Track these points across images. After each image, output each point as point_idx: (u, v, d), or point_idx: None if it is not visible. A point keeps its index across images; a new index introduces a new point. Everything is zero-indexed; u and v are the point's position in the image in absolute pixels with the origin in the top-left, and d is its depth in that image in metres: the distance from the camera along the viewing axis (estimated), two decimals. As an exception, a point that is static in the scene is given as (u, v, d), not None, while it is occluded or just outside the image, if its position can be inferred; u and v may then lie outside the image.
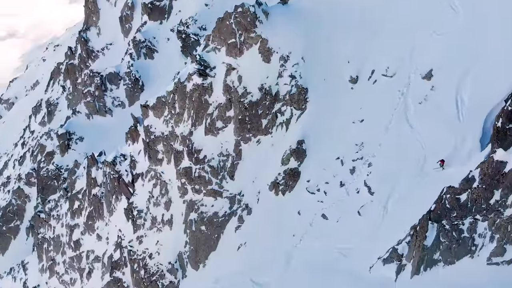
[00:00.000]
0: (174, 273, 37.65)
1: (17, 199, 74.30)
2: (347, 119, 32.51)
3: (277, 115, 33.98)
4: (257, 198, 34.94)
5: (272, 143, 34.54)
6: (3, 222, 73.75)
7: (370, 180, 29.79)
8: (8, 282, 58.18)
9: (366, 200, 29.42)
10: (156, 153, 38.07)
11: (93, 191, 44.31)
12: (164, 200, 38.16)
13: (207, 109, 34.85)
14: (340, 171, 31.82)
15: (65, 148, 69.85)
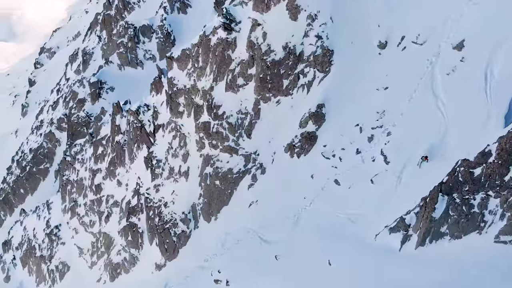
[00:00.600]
0: (187, 223, 38.75)
1: (48, 143, 77.32)
2: (371, 85, 31.55)
3: (299, 76, 33.29)
4: (272, 158, 34.97)
5: (292, 104, 34.07)
6: (33, 163, 77.23)
7: (387, 149, 29.19)
8: (33, 220, 61.55)
9: (380, 169, 28.96)
10: (178, 105, 38.35)
11: (116, 138, 45.46)
12: (182, 152, 38.77)
13: (229, 65, 34.48)
14: (357, 138, 31.27)
15: (96, 96, 71.60)
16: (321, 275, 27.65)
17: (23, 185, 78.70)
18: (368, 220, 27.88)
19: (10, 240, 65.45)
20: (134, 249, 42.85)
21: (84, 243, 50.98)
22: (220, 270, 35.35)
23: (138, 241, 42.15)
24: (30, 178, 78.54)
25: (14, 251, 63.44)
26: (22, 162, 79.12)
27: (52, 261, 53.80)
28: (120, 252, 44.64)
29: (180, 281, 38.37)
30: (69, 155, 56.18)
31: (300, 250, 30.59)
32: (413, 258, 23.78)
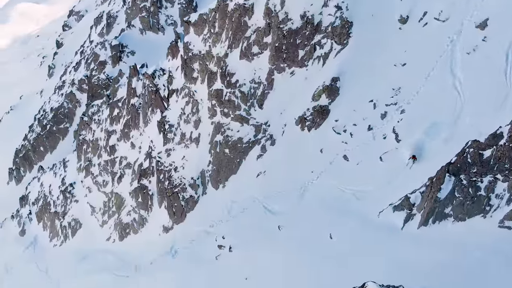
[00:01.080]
0: (195, 188, 39.21)
1: (69, 103, 78.59)
2: (388, 60, 30.65)
3: (315, 48, 32.54)
4: (282, 130, 34.72)
5: (306, 76, 33.47)
6: (54, 122, 78.78)
7: (400, 127, 28.62)
8: (49, 177, 63.25)
9: (391, 147, 28.52)
10: (192, 71, 38.19)
11: (132, 101, 45.79)
12: (194, 119, 38.86)
13: (245, 32, 33.92)
14: (370, 115, 30.71)
15: (116, 59, 71.95)
16: (322, 247, 27.81)
17: (43, 143, 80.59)
18: (373, 198, 27.71)
19: (27, 196, 67.61)
20: (143, 210, 43.77)
21: (97, 202, 52.31)
22: (224, 236, 35.94)
23: (148, 203, 42.97)
24: (50, 137, 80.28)
25: (31, 206, 65.59)
26: (43, 121, 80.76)
27: (65, 217, 55.51)
28: (130, 213, 45.69)
29: (185, 244, 39.18)
30: (86, 115, 57.03)
31: (303, 222, 30.76)
32: (415, 238, 23.62)
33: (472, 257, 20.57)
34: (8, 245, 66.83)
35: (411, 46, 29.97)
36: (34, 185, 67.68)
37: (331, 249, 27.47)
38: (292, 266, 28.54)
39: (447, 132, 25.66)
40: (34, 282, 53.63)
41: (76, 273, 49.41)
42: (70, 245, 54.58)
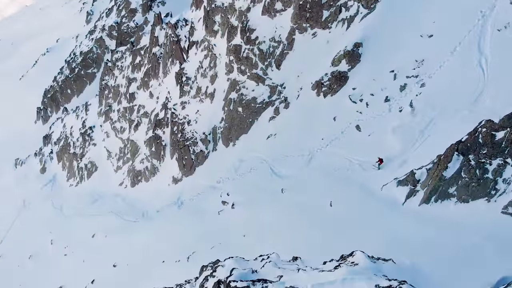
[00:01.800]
0: (206, 143, 39.29)
1: (98, 48, 79.22)
2: (415, 30, 29.00)
3: (341, 9, 31.07)
4: (297, 94, 33.93)
5: (328, 39, 32.20)
6: (82, 66, 79.86)
7: (417, 101, 27.41)
8: (72, 119, 64.80)
9: (405, 121, 27.47)
10: (213, 23, 37.34)
11: (153, 50, 45.51)
12: (211, 73, 38.39)
13: (270, -13, 32.74)
14: (389, 85, 29.49)
15: (147, 8, 71.40)
16: (321, 214, 27.53)
17: (70, 86, 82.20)
18: (379, 171, 27.09)
19: (50, 135, 69.68)
20: (156, 160, 44.41)
21: (113, 147, 53.37)
22: (229, 193, 36.17)
23: (161, 153, 43.49)
24: (78, 80, 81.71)
25: (52, 146, 67.69)
26: (72, 64, 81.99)
27: (83, 159, 57.08)
28: (143, 161, 46.46)
29: (192, 196, 39.73)
30: (110, 61, 57.30)
31: (306, 188, 30.47)
32: (415, 214, 22.97)
33: (468, 241, 19.92)
34: (29, 181, 69.76)
35: (440, 17, 28.17)
36: (57, 125, 69.54)
37: (329, 216, 27.17)
38: (289, 228, 28.50)
39: (464, 110, 24.42)
40: (49, 218, 56.03)
41: (88, 213, 51.26)
42: (85, 186, 56.37)
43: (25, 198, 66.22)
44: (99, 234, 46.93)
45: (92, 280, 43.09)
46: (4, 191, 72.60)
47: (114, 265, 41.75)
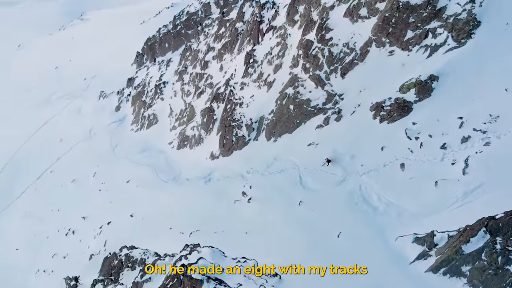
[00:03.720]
0: (250, 130, 38.00)
1: (203, 12, 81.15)
2: (501, 82, 24.54)
3: (427, 34, 27.34)
4: (353, 109, 31.00)
5: (404, 62, 28.69)
6: (184, 26, 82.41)
7: (475, 159, 23.35)
8: (154, 70, 67.48)
9: (453, 176, 23.68)
10: (295, 13, 35.47)
11: (237, 25, 44.96)
12: (277, 62, 36.73)
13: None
14: (452, 132, 25.52)
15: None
16: (326, 241, 25.60)
17: (169, 40, 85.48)
18: (403, 218, 23.91)
19: (134, 79, 73.28)
20: (204, 131, 44.22)
21: (176, 107, 54.41)
22: (252, 186, 34.75)
23: (210, 126, 43.14)
24: (177, 37, 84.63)
25: (132, 89, 71.11)
26: (177, 21, 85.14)
27: (149, 110, 59.10)
28: (194, 128, 46.61)
29: (220, 177, 39.03)
30: (200, 25, 58.10)
31: (324, 209, 28.30)
32: (417, 279, 19.89)
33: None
34: (103, 114, 74.49)
35: (538, 74, 23.62)
36: (142, 72, 72.89)
37: (332, 246, 25.01)
38: (289, 242, 26.89)
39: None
40: (101, 152, 59.29)
41: (133, 160, 53.12)
42: (142, 134, 58.48)
43: (93, 128, 70.87)
44: (133, 182, 48.42)
45: (109, 221, 44.77)
46: (82, 116, 78.55)
47: (131, 215, 42.82)
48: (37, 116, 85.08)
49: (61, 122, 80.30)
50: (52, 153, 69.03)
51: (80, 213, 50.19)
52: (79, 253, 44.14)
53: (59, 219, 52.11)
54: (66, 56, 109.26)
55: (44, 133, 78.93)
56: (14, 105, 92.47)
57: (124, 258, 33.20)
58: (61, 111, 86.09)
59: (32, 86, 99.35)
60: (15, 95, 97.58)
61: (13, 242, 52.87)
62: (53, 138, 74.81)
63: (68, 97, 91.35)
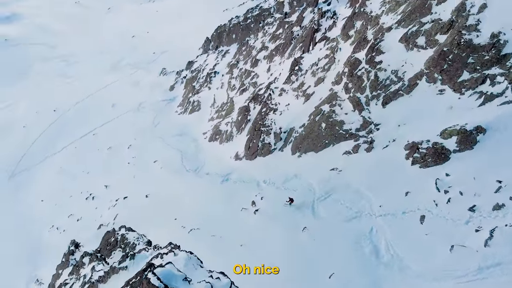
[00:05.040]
0: (277, 139, 36.09)
1: (275, 10, 79.71)
2: None
3: (485, 80, 23.83)
4: (387, 144, 28.10)
5: (453, 105, 25.36)
6: (254, 20, 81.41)
7: (502, 232, 20.03)
8: (212, 58, 67.30)
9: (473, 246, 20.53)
10: (351, 27, 32.95)
11: (293, 28, 42.99)
12: (320, 76, 34.43)
13: (423, 15, 26.68)
14: (486, 195, 22.10)
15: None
16: (316, 277, 23.63)
17: (236, 31, 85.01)
18: (406, 276, 21.35)
19: (193, 63, 73.60)
20: (236, 129, 42.92)
21: (219, 99, 53.62)
22: (263, 197, 32.94)
23: (242, 125, 41.73)
24: (245, 30, 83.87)
25: (188, 72, 71.36)
26: (248, 14, 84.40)
27: (195, 96, 58.86)
28: (228, 124, 45.48)
29: (237, 180, 37.65)
30: (262, 23, 56.73)
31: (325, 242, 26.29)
32: None
33: None
34: (157, 90, 75.60)
35: None
36: (202, 58, 73.01)
37: (322, 284, 22.84)
38: (282, 266, 24.85)
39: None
40: (143, 127, 60.01)
41: (167, 141, 53.16)
42: (183, 118, 58.46)
43: (144, 101, 72.11)
44: (159, 163, 48.34)
45: (125, 196, 44.94)
46: (139, 87, 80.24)
47: (147, 195, 42.61)
48: (101, 78, 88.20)
49: (119, 89, 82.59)
50: (101, 117, 71.21)
51: (105, 181, 50.97)
52: (91, 219, 44.71)
53: (85, 181, 53.31)
54: (145, 27, 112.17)
55: (100, 96, 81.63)
56: (88, 65, 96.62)
57: (120, 238, 32.83)
58: (122, 78, 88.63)
59: (108, 50, 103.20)
60: (91, 55, 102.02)
61: (41, 193, 54.81)
62: (107, 102, 77.13)
63: (133, 66, 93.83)
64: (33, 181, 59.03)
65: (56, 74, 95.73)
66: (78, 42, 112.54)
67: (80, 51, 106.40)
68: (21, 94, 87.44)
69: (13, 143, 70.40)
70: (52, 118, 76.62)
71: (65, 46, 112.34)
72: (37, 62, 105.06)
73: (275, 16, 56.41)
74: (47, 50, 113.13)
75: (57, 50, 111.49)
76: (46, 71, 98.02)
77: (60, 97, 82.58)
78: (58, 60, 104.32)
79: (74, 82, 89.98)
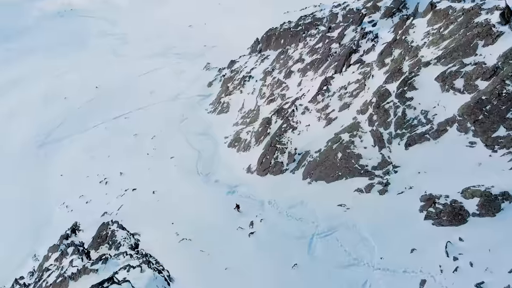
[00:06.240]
0: (290, 160, 33.85)
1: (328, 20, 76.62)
2: None
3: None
4: (403, 190, 25.23)
5: (482, 162, 22.20)
6: (305, 28, 78.68)
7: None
8: (252, 61, 65.58)
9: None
10: (389, 55, 30.06)
11: (333, 45, 40.41)
12: (346, 101, 31.80)
13: (467, 54, 23.60)
14: (498, 273, 19.13)
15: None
16: None
17: (285, 37, 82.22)
18: None
19: (235, 62, 72.11)
20: (254, 140, 40.95)
21: (248, 105, 51.82)
22: (263, 220, 30.93)
23: (261, 137, 39.70)
24: (294, 37, 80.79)
25: (228, 71, 69.85)
26: (301, 21, 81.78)
27: (227, 97, 57.42)
28: (248, 133, 43.64)
29: (242, 195, 35.85)
30: (305, 33, 54.38)
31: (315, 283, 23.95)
32: None
33: None
34: (196, 84, 74.58)
35: None
36: (244, 59, 71.42)
37: None
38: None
39: None
40: (173, 119, 59.14)
41: (189, 139, 52.06)
42: (210, 118, 57.26)
43: (181, 93, 71.56)
44: (174, 160, 47.31)
45: (134, 188, 44.23)
46: (181, 78, 79.66)
47: (153, 191, 41.66)
48: (148, 63, 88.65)
49: (161, 77, 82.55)
50: (137, 101, 71.23)
51: (122, 168, 50.56)
52: (99, 204, 44.35)
53: (104, 164, 53.11)
54: (204, 18, 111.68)
55: (142, 80, 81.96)
56: (139, 47, 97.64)
57: (110, 234, 31.95)
58: (168, 66, 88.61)
59: (162, 35, 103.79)
60: (145, 38, 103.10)
61: (62, 168, 55.24)
62: (146, 88, 77.20)
63: (181, 56, 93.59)
64: (59, 154, 59.73)
65: (109, 51, 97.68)
66: (137, 22, 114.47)
67: (136, 32, 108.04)
68: (73, 65, 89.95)
69: (52, 113, 71.95)
70: (93, 94, 77.68)
71: (123, 24, 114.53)
72: (94, 36, 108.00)
73: (319, 28, 53.86)
74: (106, 26, 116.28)
75: (115, 27, 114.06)
76: (101, 47, 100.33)
77: (105, 75, 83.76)
78: (114, 37, 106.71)
79: (123, 62, 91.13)
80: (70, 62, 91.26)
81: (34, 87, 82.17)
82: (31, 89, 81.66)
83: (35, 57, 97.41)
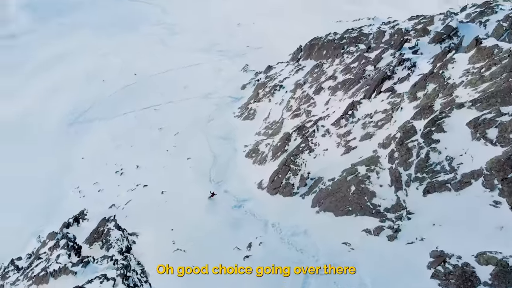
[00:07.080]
0: (302, 183, 31.93)
1: (374, 37, 73.71)
2: None
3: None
4: (413, 240, 22.91)
5: (505, 226, 19.54)
6: (349, 41, 76.06)
7: None
8: (287, 69, 63.66)
9: None
10: (423, 88, 27.56)
11: (368, 67, 38.02)
12: (369, 131, 29.48)
13: (508, 104, 21.00)
14: None
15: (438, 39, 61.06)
16: None
17: (328, 48, 79.73)
18: None
19: (271, 68, 70.52)
20: (272, 154, 39.17)
21: (273, 115, 50.12)
22: (262, 243, 29.23)
23: (278, 153, 37.89)
24: (336, 49, 78.80)
25: (263, 76, 68.30)
26: (346, 34, 79.07)
27: (255, 104, 55.90)
28: (267, 146, 41.95)
29: (249, 211, 34.33)
30: (343, 48, 51.98)
31: None
32: None
33: None
34: (230, 85, 73.27)
35: None
36: (280, 66, 69.72)
37: None
38: None
39: None
40: (198, 117, 58.24)
41: (210, 142, 50.96)
42: (235, 122, 55.86)
43: (212, 93, 70.69)
44: (191, 162, 46.29)
45: (145, 185, 43.56)
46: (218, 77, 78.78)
47: (162, 191, 40.81)
48: (190, 57, 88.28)
49: (198, 73, 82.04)
50: (170, 94, 71.00)
51: (140, 161, 50.14)
52: (109, 195, 44.03)
53: (124, 154, 52.90)
54: (254, 18, 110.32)
55: (179, 74, 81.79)
56: (186, 40, 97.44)
57: (105, 232, 31.23)
58: (207, 63, 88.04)
59: (209, 30, 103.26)
60: (193, 32, 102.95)
61: (85, 151, 55.48)
62: (181, 82, 76.85)
63: (222, 54, 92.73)
64: (86, 136, 60.12)
65: (156, 39, 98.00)
66: (187, 14, 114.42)
67: (185, 24, 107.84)
68: (117, 47, 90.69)
69: (88, 93, 72.63)
70: (130, 81, 78.09)
71: (176, 15, 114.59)
72: (145, 22, 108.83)
73: (359, 46, 51.37)
74: (158, 13, 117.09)
75: (167, 16, 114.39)
76: (149, 34, 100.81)
77: (146, 63, 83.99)
78: (163, 26, 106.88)
79: (166, 52, 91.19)
80: (115, 44, 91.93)
81: (78, 63, 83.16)
82: (76, 65, 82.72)
83: (83, 34, 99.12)
